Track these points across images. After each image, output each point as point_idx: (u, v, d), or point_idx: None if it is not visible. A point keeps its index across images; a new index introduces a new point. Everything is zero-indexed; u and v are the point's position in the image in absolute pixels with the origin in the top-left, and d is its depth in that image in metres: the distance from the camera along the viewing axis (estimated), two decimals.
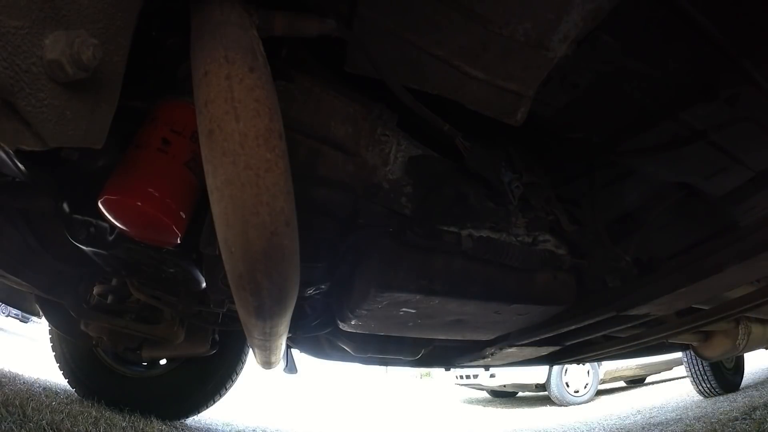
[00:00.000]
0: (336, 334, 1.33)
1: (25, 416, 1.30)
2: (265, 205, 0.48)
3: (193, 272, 1.02)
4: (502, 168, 1.00)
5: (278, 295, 0.56)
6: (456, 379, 6.68)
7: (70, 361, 2.00)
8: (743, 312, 1.20)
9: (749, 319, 1.89)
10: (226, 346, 1.94)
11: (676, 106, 0.89)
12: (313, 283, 1.03)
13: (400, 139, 0.93)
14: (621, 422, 3.09)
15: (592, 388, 5.48)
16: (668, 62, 0.82)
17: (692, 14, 0.71)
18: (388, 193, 0.93)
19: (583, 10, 0.68)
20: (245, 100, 0.48)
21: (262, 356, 1.07)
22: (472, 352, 1.52)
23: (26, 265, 1.14)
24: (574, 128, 1.00)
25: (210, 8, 0.53)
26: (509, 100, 0.80)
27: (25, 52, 0.39)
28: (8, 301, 1.76)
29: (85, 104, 0.47)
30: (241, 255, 0.50)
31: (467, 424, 4.21)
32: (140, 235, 0.76)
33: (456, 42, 0.72)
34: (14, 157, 0.68)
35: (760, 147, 0.97)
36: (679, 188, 1.13)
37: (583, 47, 0.73)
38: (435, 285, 0.92)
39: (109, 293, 1.43)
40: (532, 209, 1.01)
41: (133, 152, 0.69)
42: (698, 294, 0.97)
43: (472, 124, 0.89)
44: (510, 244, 0.99)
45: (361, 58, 0.74)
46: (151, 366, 2.03)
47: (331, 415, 4.47)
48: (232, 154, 0.47)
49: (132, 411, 1.83)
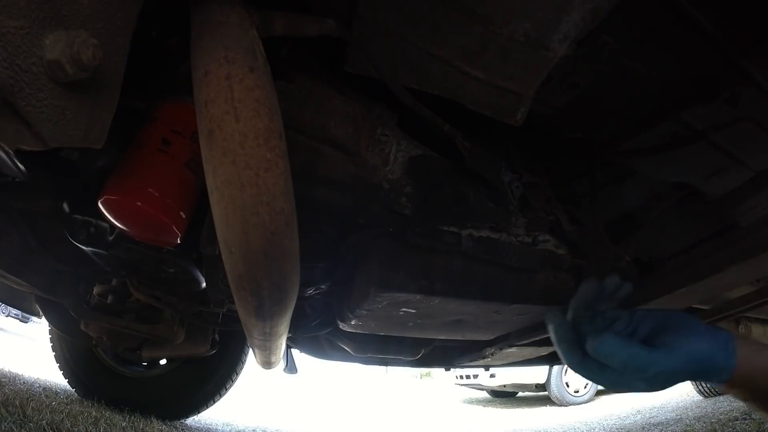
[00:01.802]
0: (336, 334, 1.33)
1: (25, 416, 1.30)
2: (265, 205, 0.48)
3: (193, 272, 1.02)
4: (502, 168, 1.00)
5: (278, 295, 0.56)
6: (456, 379, 6.68)
7: (70, 361, 2.00)
8: (743, 312, 1.20)
9: (749, 319, 1.89)
10: (226, 346, 1.95)
11: (676, 106, 0.89)
12: (313, 283, 1.03)
13: (400, 139, 0.93)
14: (621, 422, 3.09)
15: (592, 388, 5.48)
16: (668, 62, 0.82)
17: (692, 14, 0.71)
18: (388, 193, 0.93)
19: (583, 10, 0.68)
20: (245, 100, 0.48)
21: (262, 356, 1.08)
22: (472, 352, 1.52)
23: (26, 265, 1.14)
24: (574, 128, 1.00)
25: (210, 8, 0.53)
26: (509, 100, 0.80)
27: (25, 52, 0.39)
28: (8, 301, 1.76)
29: (85, 104, 0.47)
30: (241, 255, 0.50)
31: (467, 424, 4.21)
32: (140, 235, 0.76)
33: (456, 42, 0.71)
34: (14, 157, 0.68)
35: (760, 147, 0.97)
36: (679, 188, 1.13)
37: (583, 47, 0.73)
38: (435, 285, 0.92)
39: (109, 293, 1.43)
40: (532, 209, 1.01)
41: (133, 152, 0.69)
42: (698, 294, 0.97)
43: (472, 124, 0.89)
44: (510, 244, 0.99)
45: (361, 58, 0.74)
46: (151, 366, 2.03)
47: (331, 415, 4.47)
48: (232, 154, 0.47)
49: (132, 411, 1.84)
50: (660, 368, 0.57)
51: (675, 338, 0.59)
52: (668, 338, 0.59)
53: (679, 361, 0.57)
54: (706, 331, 0.60)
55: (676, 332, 0.60)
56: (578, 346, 0.66)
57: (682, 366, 0.57)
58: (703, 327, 0.60)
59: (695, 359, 0.57)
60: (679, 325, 0.61)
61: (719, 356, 0.57)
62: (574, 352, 0.66)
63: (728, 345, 0.58)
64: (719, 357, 0.57)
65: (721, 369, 0.57)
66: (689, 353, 0.57)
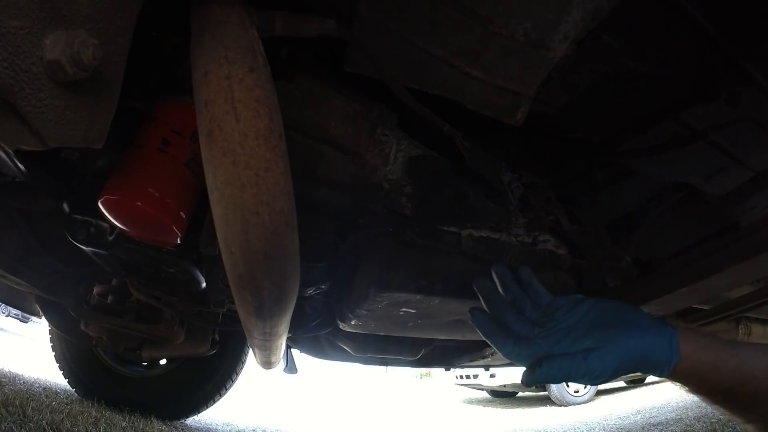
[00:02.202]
0: (336, 334, 1.33)
1: (25, 416, 1.30)
2: (265, 205, 0.48)
3: (193, 272, 1.02)
4: (502, 168, 1.00)
5: (278, 295, 0.56)
6: (456, 379, 6.68)
7: (70, 361, 2.00)
8: (743, 312, 1.21)
9: (749, 319, 1.89)
10: (226, 346, 1.95)
11: (676, 106, 0.89)
12: (313, 283, 1.03)
13: (400, 139, 0.93)
14: (621, 422, 3.09)
15: (592, 388, 5.48)
16: (668, 62, 0.82)
17: (692, 14, 0.71)
18: (388, 193, 0.93)
19: (583, 10, 0.67)
20: (245, 100, 0.48)
21: (262, 356, 1.07)
22: (472, 352, 1.52)
23: (26, 265, 1.14)
24: (574, 128, 1.00)
25: (210, 8, 0.53)
26: (509, 100, 0.80)
27: (25, 52, 0.39)
28: (8, 301, 1.76)
29: (85, 104, 0.47)
30: (241, 255, 0.50)
31: (467, 424, 4.21)
32: (140, 235, 0.76)
33: (456, 42, 0.71)
34: (14, 157, 0.68)
35: (760, 147, 0.97)
36: (679, 188, 1.13)
37: (583, 47, 0.73)
38: (435, 285, 0.92)
39: (109, 293, 1.43)
40: (532, 209, 1.01)
41: (133, 152, 0.69)
42: (698, 294, 0.97)
43: (472, 124, 0.89)
44: (510, 244, 0.99)
45: (361, 58, 0.74)
46: (151, 366, 2.03)
47: (330, 415, 4.47)
48: (232, 154, 0.47)
49: (132, 411, 1.84)
50: (598, 372, 0.58)
51: (614, 335, 0.59)
52: (608, 335, 0.59)
53: (617, 360, 0.58)
54: (649, 326, 0.60)
55: (616, 328, 0.60)
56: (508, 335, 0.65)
57: (620, 365, 0.58)
58: (648, 322, 0.60)
59: (633, 356, 0.58)
60: (621, 321, 0.61)
61: (659, 353, 0.57)
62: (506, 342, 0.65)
63: (672, 341, 0.58)
64: (659, 354, 0.57)
65: (661, 364, 0.58)
66: (626, 351, 0.58)
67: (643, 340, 0.58)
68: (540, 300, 0.68)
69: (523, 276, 0.71)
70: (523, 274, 0.72)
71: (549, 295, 0.69)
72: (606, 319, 0.62)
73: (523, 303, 0.68)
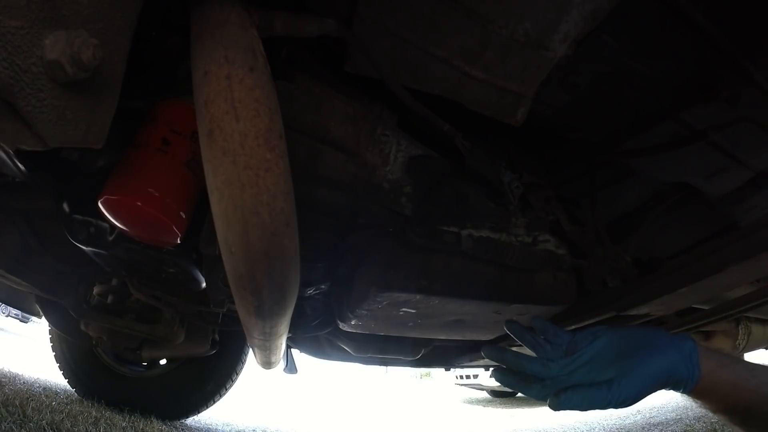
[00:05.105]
0: (336, 334, 1.33)
1: (25, 416, 1.30)
2: (265, 205, 0.48)
3: (193, 272, 1.02)
4: (502, 168, 1.00)
5: (278, 295, 0.56)
6: (456, 379, 6.67)
7: (70, 361, 2.00)
8: (743, 312, 1.20)
9: (749, 319, 1.89)
10: (226, 346, 1.94)
11: (676, 106, 0.89)
12: (313, 283, 1.03)
13: (400, 139, 0.93)
14: (621, 422, 3.09)
15: None
16: (668, 62, 0.82)
17: (692, 14, 0.71)
18: (388, 193, 0.93)
19: (583, 10, 0.68)
20: (245, 100, 0.48)
21: (262, 356, 1.08)
22: (472, 352, 1.52)
23: (26, 265, 1.14)
24: (574, 128, 1.00)
25: (210, 8, 0.53)
26: (509, 100, 0.80)
27: (25, 52, 0.39)
28: (8, 301, 1.76)
29: (85, 104, 0.47)
30: (241, 255, 0.50)
31: (467, 424, 4.21)
32: (140, 235, 0.76)
33: (456, 42, 0.71)
34: (14, 157, 0.68)
35: (760, 147, 0.97)
36: (679, 188, 1.13)
37: (583, 47, 0.73)
38: (435, 285, 0.92)
39: (109, 293, 1.43)
40: (532, 209, 1.01)
41: (133, 152, 0.69)
42: (698, 294, 0.97)
43: (472, 124, 0.89)
44: (510, 244, 0.99)
45: (361, 58, 0.74)
46: (151, 366, 2.02)
47: (330, 415, 4.47)
48: (232, 154, 0.47)
49: (132, 411, 1.83)
50: (622, 399, 0.58)
51: (636, 363, 0.59)
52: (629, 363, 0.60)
53: (639, 386, 0.58)
54: (669, 343, 0.60)
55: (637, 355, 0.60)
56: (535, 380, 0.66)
57: (642, 389, 0.58)
58: (667, 338, 0.61)
59: (654, 379, 0.58)
60: (641, 346, 0.61)
61: (681, 369, 0.58)
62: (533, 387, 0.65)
63: (692, 356, 0.58)
64: (681, 370, 0.58)
65: (685, 380, 0.58)
66: (648, 376, 0.58)
67: (665, 360, 0.59)
68: (560, 341, 0.68)
69: (537, 326, 0.72)
70: (536, 324, 0.72)
71: (567, 334, 0.69)
72: (626, 347, 0.62)
73: (543, 350, 0.69)
